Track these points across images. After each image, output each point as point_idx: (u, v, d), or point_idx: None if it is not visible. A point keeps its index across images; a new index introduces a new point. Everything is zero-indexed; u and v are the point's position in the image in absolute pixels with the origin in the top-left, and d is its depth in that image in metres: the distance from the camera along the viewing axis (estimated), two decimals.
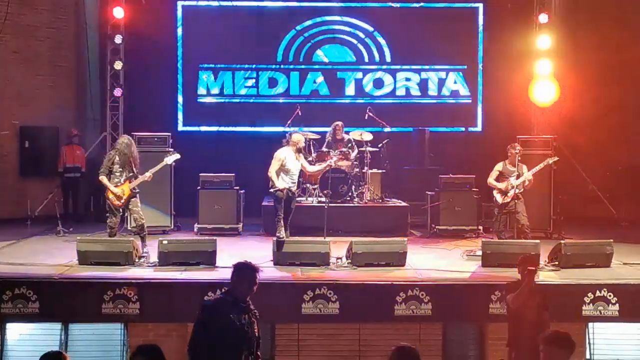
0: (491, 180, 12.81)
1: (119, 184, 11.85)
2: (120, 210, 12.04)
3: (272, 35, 18.02)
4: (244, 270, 7.19)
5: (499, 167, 12.84)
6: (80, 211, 16.44)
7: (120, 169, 11.88)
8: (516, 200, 12.51)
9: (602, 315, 10.33)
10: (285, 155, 12.21)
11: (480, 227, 14.63)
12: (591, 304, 10.27)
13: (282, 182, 12.13)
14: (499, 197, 12.68)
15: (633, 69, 16.47)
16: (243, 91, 18.06)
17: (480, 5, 18.02)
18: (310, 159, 14.74)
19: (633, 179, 16.52)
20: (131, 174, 11.91)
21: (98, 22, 17.55)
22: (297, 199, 14.59)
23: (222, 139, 17.66)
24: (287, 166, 12.18)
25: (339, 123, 15.26)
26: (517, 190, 12.52)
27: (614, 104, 16.40)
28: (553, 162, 13.04)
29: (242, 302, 7.07)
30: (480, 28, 18.06)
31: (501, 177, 12.75)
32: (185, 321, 10.70)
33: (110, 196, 11.84)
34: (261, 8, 17.96)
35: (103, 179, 11.85)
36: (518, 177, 12.56)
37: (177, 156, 12.49)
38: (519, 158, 12.66)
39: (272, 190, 12.25)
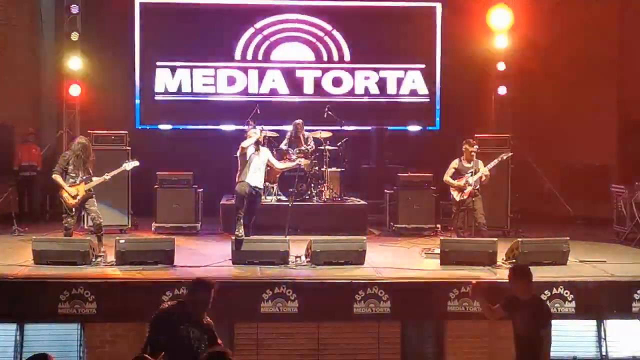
0: (447, 177, 12.82)
1: (73, 184, 11.69)
2: (75, 210, 11.88)
3: (231, 33, 17.93)
4: (199, 288, 7.03)
5: (454, 164, 12.84)
6: (35, 210, 16.24)
7: (76, 170, 11.72)
8: (474, 198, 12.54)
9: (558, 312, 10.39)
10: (243, 147, 12.12)
11: (439, 226, 14.71)
12: (548, 302, 10.32)
13: (242, 176, 12.03)
14: (455, 195, 12.70)
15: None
16: (201, 89, 17.93)
17: (439, 5, 18.10)
18: None
19: (588, 177, 16.73)
20: (87, 176, 11.76)
21: (54, 18, 17.33)
22: None
23: (180, 137, 17.55)
24: (248, 160, 12.08)
25: (300, 121, 15.23)
26: (473, 187, 12.54)
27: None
28: (507, 157, 13.17)
29: (195, 316, 6.94)
30: (439, 27, 18.14)
31: (457, 174, 12.75)
32: (143, 321, 10.60)
33: (64, 195, 11.69)
34: (220, 5, 17.84)
35: (57, 177, 11.70)
36: (474, 173, 12.57)
37: (136, 163, 12.35)
38: (474, 154, 12.72)
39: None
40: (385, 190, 15.30)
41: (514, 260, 11.37)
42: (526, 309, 7.62)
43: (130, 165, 12.33)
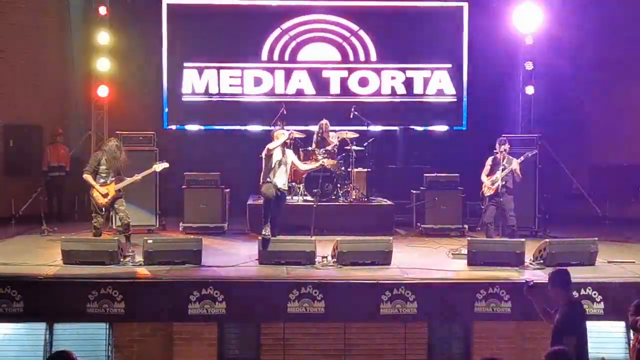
0: (483, 176, 12.93)
1: (104, 184, 11.80)
2: (105, 209, 11.98)
3: (257, 34, 17.99)
4: None
5: (489, 162, 12.97)
6: (64, 210, 16.37)
7: (107, 170, 11.84)
8: (503, 198, 12.60)
9: (587, 313, 10.30)
10: (267, 148, 12.16)
11: (466, 226, 14.67)
12: None
13: (265, 177, 12.10)
14: (486, 190, 12.81)
15: None
16: (228, 90, 18.01)
17: (466, 5, 18.04)
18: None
19: (617, 177, 16.61)
20: (118, 176, 11.89)
21: (83, 20, 17.48)
22: None
23: (207, 138, 17.65)
24: (273, 161, 12.13)
25: (325, 121, 15.25)
26: (502, 183, 12.58)
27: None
28: (532, 154, 13.20)
29: None
30: (466, 27, 18.08)
31: (492, 172, 12.88)
32: (170, 320, 10.72)
33: (95, 194, 11.80)
34: (246, 6, 17.90)
35: (88, 177, 11.81)
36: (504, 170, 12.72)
37: (166, 165, 12.42)
38: (505, 153, 12.77)
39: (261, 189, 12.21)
40: (412, 191, 15.25)
41: (541, 261, 11.31)
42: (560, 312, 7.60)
43: (160, 166, 12.40)
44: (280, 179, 12.20)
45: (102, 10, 16.16)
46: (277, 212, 12.25)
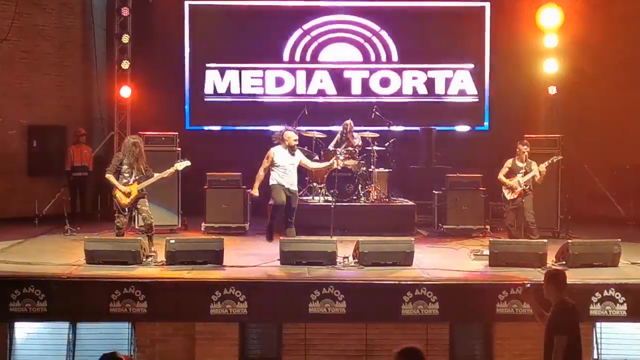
0: (501, 176, 13.06)
1: (127, 184, 11.85)
2: (127, 209, 12.03)
3: (279, 34, 18.03)
4: None
5: (508, 163, 13.07)
6: (87, 210, 16.48)
7: (130, 170, 11.87)
8: (523, 198, 12.68)
9: (609, 315, 10.29)
10: (274, 153, 12.20)
11: (488, 227, 14.64)
12: (599, 304, 10.23)
13: (272, 180, 12.13)
14: (507, 194, 12.99)
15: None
16: (250, 90, 18.07)
17: (487, 4, 17.99)
18: (316, 158, 14.81)
19: None
20: (140, 175, 11.90)
21: (105, 22, 17.62)
22: (304, 198, 14.65)
23: (229, 138, 17.69)
24: (278, 163, 12.17)
25: (349, 121, 15.27)
26: (524, 187, 12.76)
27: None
28: (558, 160, 13.21)
29: None
30: (487, 26, 18.03)
31: (510, 173, 13.02)
32: (192, 320, 10.77)
33: (118, 195, 11.84)
34: (268, 7, 17.94)
35: (110, 177, 11.85)
36: (525, 173, 12.84)
37: (188, 163, 12.43)
38: (527, 154, 12.82)
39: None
40: (434, 191, 15.22)
41: (563, 262, 11.26)
42: (551, 312, 7.66)
43: (182, 165, 12.42)
44: (287, 179, 12.23)
45: (125, 11, 16.25)
46: (291, 213, 12.30)
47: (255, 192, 12.25)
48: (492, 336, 11.05)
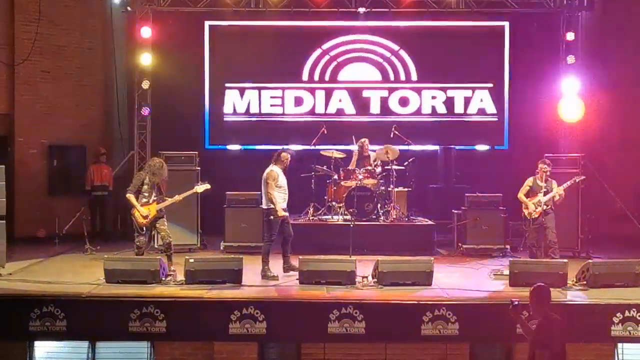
0: (521, 195, 13.01)
1: (146, 204, 11.90)
2: (145, 229, 12.06)
3: (298, 54, 18.12)
4: None
5: (529, 182, 13.03)
6: (107, 229, 16.54)
7: (150, 190, 11.94)
8: (545, 217, 12.70)
9: (631, 335, 10.20)
10: (277, 173, 12.21)
11: (508, 246, 14.55)
12: (620, 324, 10.15)
13: (279, 204, 12.08)
14: (527, 213, 12.88)
15: None
16: (269, 110, 18.15)
17: (507, 24, 17.98)
18: (335, 177, 14.83)
19: None
20: (159, 196, 11.98)
21: (125, 42, 17.74)
22: (323, 217, 14.66)
23: (248, 158, 17.71)
24: (280, 184, 12.19)
25: (364, 140, 15.30)
26: (544, 207, 12.69)
27: None
28: (580, 180, 13.15)
29: None
30: (507, 46, 18.02)
31: (531, 192, 12.97)
32: (211, 340, 10.75)
33: (136, 214, 11.90)
34: (287, 27, 17.98)
35: (130, 197, 11.92)
36: (546, 193, 12.75)
37: (208, 186, 12.49)
38: (548, 174, 12.75)
39: (270, 216, 12.08)
40: (453, 210, 15.17)
41: (584, 282, 11.18)
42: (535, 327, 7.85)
43: (201, 187, 12.47)
44: (284, 202, 12.29)
45: (145, 32, 16.34)
46: (288, 233, 12.34)
47: (282, 213, 12.14)
48: (512, 357, 10.95)
